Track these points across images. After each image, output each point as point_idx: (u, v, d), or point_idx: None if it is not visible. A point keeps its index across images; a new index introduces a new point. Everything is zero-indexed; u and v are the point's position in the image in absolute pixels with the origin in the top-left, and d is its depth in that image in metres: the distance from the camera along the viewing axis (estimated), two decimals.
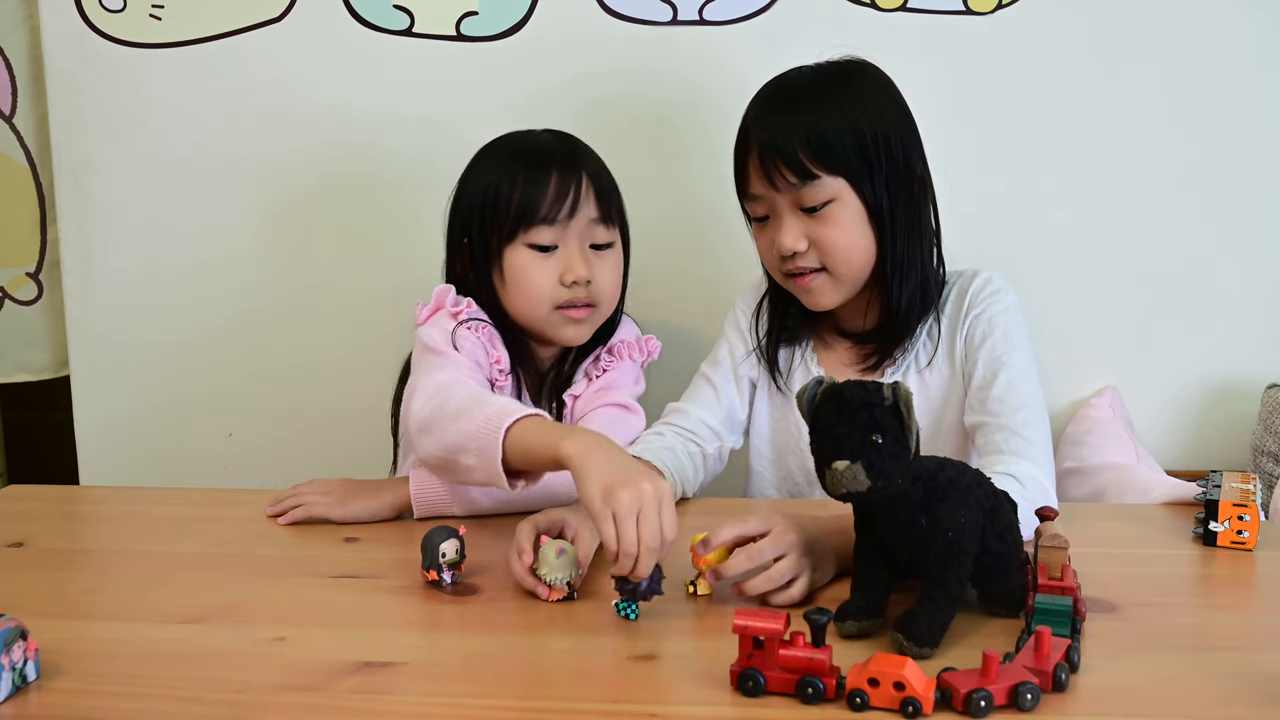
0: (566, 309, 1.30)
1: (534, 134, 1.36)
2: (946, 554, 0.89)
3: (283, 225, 1.77)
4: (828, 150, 1.22)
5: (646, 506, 0.92)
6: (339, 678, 0.85)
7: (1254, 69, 1.64)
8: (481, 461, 1.05)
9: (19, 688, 0.83)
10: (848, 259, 1.27)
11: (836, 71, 1.28)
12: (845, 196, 1.24)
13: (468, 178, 1.35)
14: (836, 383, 0.88)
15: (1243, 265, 1.69)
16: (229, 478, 1.83)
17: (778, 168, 1.23)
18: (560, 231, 1.28)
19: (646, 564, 0.92)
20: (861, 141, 1.23)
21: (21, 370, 1.88)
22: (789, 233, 1.26)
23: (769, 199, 1.27)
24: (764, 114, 1.28)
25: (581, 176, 1.29)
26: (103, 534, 1.28)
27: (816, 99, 1.25)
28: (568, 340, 1.34)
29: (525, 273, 1.29)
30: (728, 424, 1.41)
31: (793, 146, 1.22)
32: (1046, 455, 1.22)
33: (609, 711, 0.81)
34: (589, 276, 1.29)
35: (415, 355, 1.29)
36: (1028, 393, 1.26)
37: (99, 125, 1.76)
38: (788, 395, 1.39)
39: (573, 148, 1.34)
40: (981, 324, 1.30)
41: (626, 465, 0.96)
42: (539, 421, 1.05)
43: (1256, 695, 0.81)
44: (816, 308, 1.32)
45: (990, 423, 1.25)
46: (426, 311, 1.31)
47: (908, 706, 0.78)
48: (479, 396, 1.11)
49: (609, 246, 1.33)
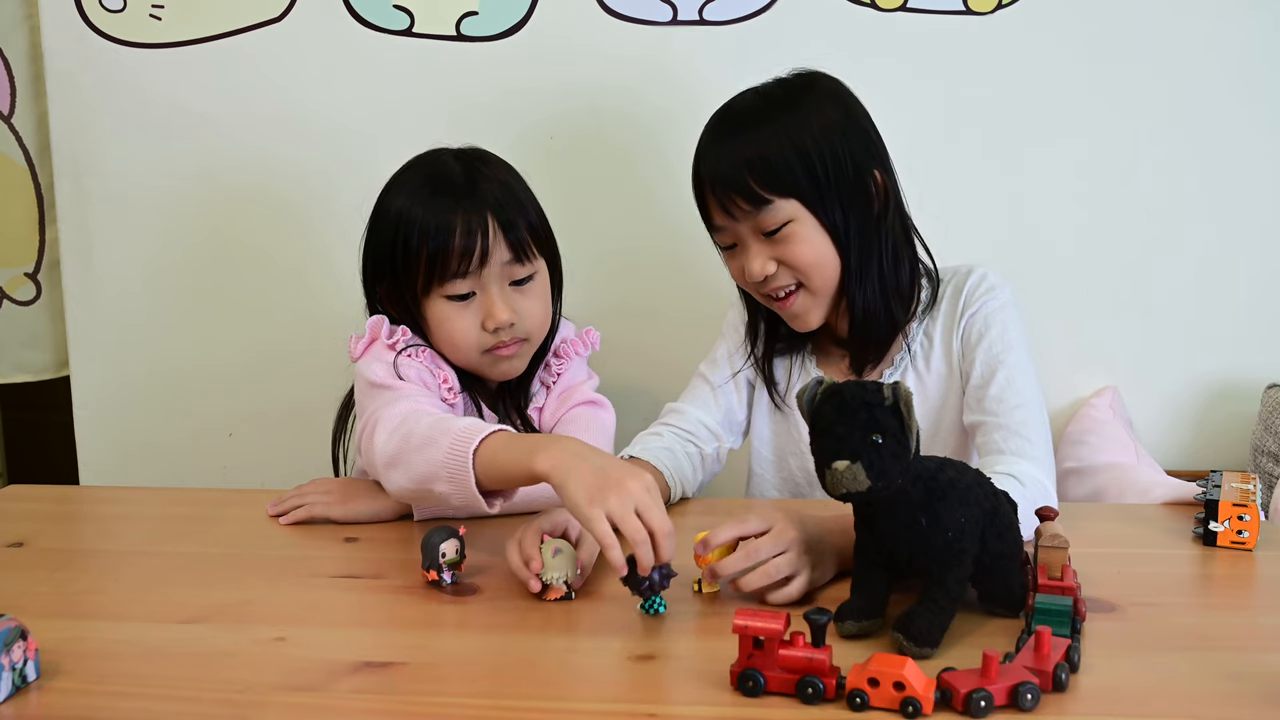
0: (495, 349, 1.27)
1: (438, 164, 1.29)
2: (946, 554, 0.89)
3: (283, 225, 1.78)
4: (773, 175, 1.22)
5: (641, 501, 0.92)
6: (339, 678, 0.85)
7: (1254, 68, 1.64)
8: (455, 487, 1.04)
9: (19, 688, 0.83)
10: (819, 272, 1.27)
11: (781, 93, 1.27)
12: (800, 216, 1.24)
13: (377, 217, 1.30)
14: (836, 383, 0.88)
15: (1243, 265, 1.69)
16: (229, 478, 1.84)
17: (730, 198, 1.24)
18: (475, 279, 1.24)
19: (666, 547, 0.92)
20: (807, 161, 1.22)
21: (21, 370, 1.88)
22: (755, 259, 1.26)
23: (730, 228, 1.27)
24: (710, 145, 1.28)
25: (487, 219, 1.23)
26: (103, 534, 1.28)
27: (758, 124, 1.25)
28: (501, 376, 1.32)
29: (447, 322, 1.26)
30: (726, 424, 1.41)
31: (740, 174, 1.22)
32: (1046, 454, 1.21)
33: (609, 711, 0.81)
34: (512, 319, 1.25)
35: (359, 392, 1.26)
36: (1026, 391, 1.25)
37: (99, 125, 1.76)
38: (786, 409, 1.39)
39: (474, 179, 1.26)
40: (978, 322, 1.30)
41: (605, 468, 0.95)
42: (506, 437, 1.04)
43: (1256, 695, 0.81)
44: (805, 328, 1.32)
45: (989, 422, 1.25)
46: (362, 345, 1.27)
47: (908, 706, 0.78)
48: (442, 423, 1.08)
49: (530, 279, 1.28)
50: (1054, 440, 1.70)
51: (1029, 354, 1.29)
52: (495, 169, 1.30)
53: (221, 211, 1.77)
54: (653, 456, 1.29)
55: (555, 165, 1.38)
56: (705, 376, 1.43)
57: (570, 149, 1.71)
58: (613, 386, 1.42)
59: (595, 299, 1.58)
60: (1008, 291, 1.32)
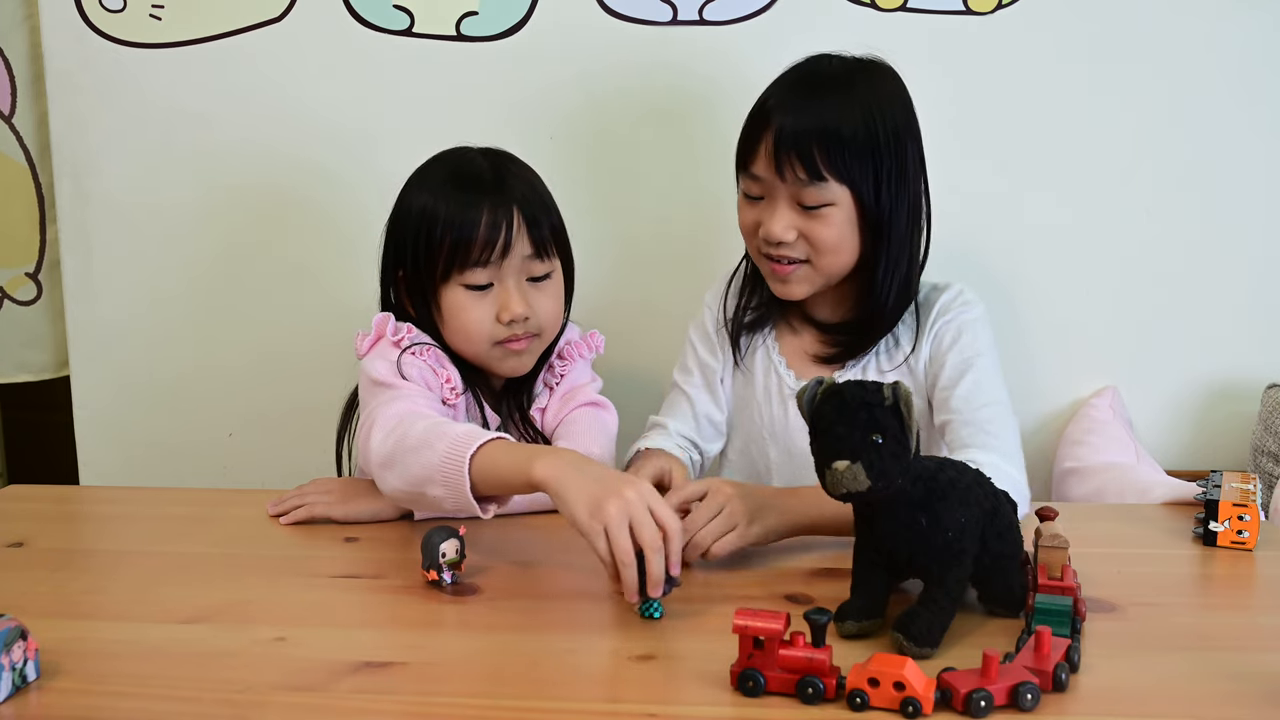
0: (507, 343, 1.28)
1: (465, 160, 1.31)
2: (946, 554, 0.89)
3: (283, 225, 1.77)
4: (841, 154, 1.22)
5: (636, 512, 0.92)
6: (339, 678, 0.85)
7: (1254, 68, 1.64)
8: (449, 491, 1.04)
9: (19, 688, 0.83)
10: (833, 258, 1.27)
11: (861, 70, 1.28)
12: (844, 202, 1.24)
13: (400, 208, 1.31)
14: (837, 383, 0.88)
15: (1243, 265, 1.69)
16: (229, 478, 1.84)
17: (790, 160, 1.22)
18: (495, 270, 1.25)
19: (657, 565, 0.92)
20: (876, 147, 1.23)
21: (21, 370, 1.88)
22: (779, 221, 1.25)
23: (769, 183, 1.26)
24: (788, 99, 1.25)
25: (513, 212, 1.24)
26: (103, 534, 1.28)
27: (842, 95, 1.24)
28: (509, 372, 1.32)
29: (462, 312, 1.26)
30: (706, 432, 1.42)
31: (809, 143, 1.21)
32: (1013, 448, 1.22)
33: (609, 711, 0.81)
34: (527, 313, 1.26)
35: (362, 390, 1.27)
36: (994, 393, 1.27)
37: (99, 125, 1.76)
38: (749, 375, 1.40)
39: (503, 175, 1.28)
40: (951, 329, 1.31)
41: (604, 477, 0.96)
42: (504, 445, 1.04)
43: (1256, 695, 0.82)
44: (788, 297, 1.32)
45: (955, 419, 1.26)
46: (368, 342, 1.28)
47: (908, 706, 0.78)
48: (439, 426, 1.08)
49: (547, 277, 1.29)
50: (1053, 440, 1.71)
51: (998, 365, 1.31)
52: (522, 169, 1.32)
53: (221, 212, 1.77)
54: (664, 446, 1.31)
55: (555, 165, 1.38)
56: (680, 386, 1.44)
57: (570, 149, 1.71)
58: (610, 384, 1.42)
59: (595, 298, 1.58)
60: (981, 307, 1.34)
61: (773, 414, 1.39)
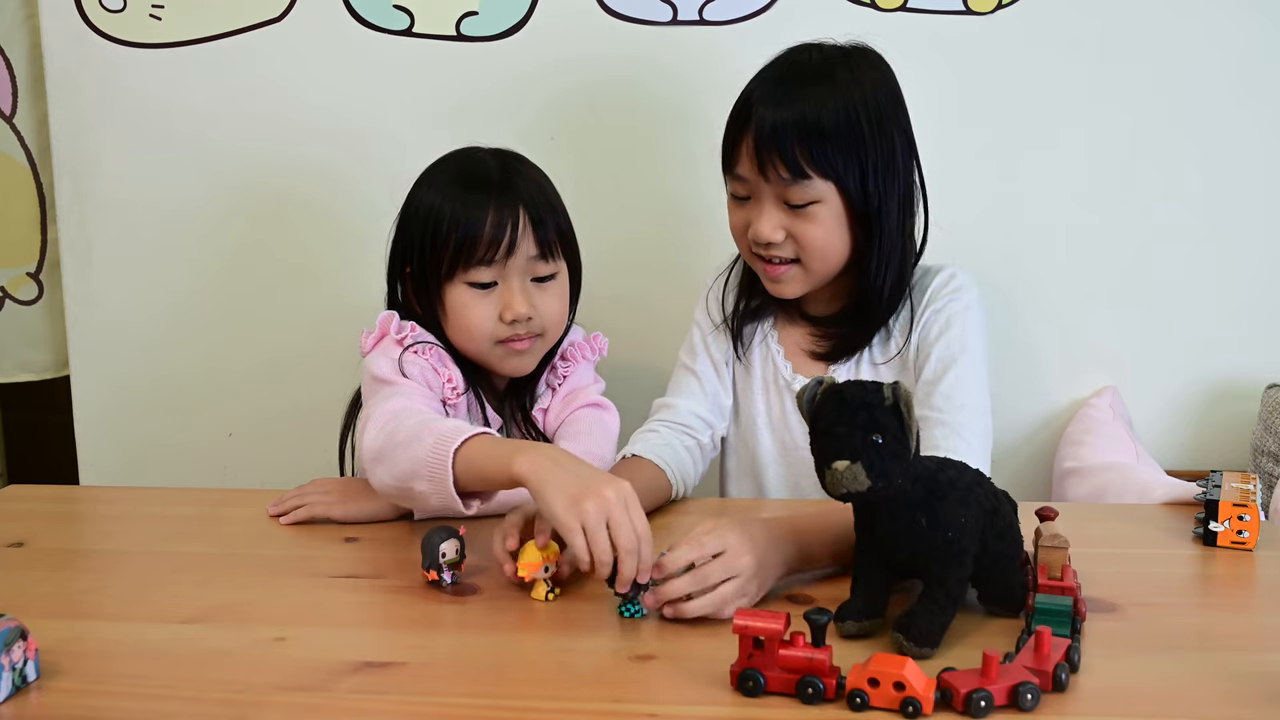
0: (509, 342, 1.28)
1: (473, 159, 1.31)
2: (946, 554, 0.89)
3: (283, 225, 1.78)
4: (824, 149, 1.20)
5: (614, 512, 0.92)
6: (339, 678, 0.85)
7: (1255, 69, 1.64)
8: (434, 486, 1.04)
9: (19, 688, 0.83)
10: (823, 256, 1.26)
11: (843, 60, 1.26)
12: (830, 199, 1.23)
13: (409, 206, 1.31)
14: (837, 383, 0.88)
15: (1243, 265, 1.69)
16: (229, 478, 1.84)
17: (771, 159, 1.21)
18: (499, 269, 1.26)
19: (630, 566, 0.92)
20: (860, 139, 1.21)
21: (22, 370, 1.88)
22: (767, 222, 1.25)
23: (754, 184, 1.25)
24: (766, 95, 1.24)
25: (518, 212, 1.25)
26: (103, 534, 1.28)
27: (822, 88, 1.22)
28: (511, 371, 1.32)
29: (465, 310, 1.26)
30: (715, 410, 1.41)
31: (790, 139, 1.20)
32: (982, 455, 1.23)
33: (609, 711, 0.81)
34: (530, 313, 1.26)
35: (364, 386, 1.27)
36: (974, 394, 1.26)
37: (99, 125, 1.76)
38: (747, 365, 1.40)
39: (510, 174, 1.28)
40: (939, 320, 1.30)
41: (584, 475, 0.96)
42: (488, 440, 1.04)
43: (1256, 695, 0.81)
44: (780, 295, 1.32)
45: (932, 417, 1.25)
46: (372, 340, 1.29)
47: (908, 706, 0.78)
48: (428, 422, 1.08)
49: (551, 278, 1.30)
50: (1054, 440, 1.71)
51: (984, 360, 1.30)
52: (530, 169, 1.32)
53: (221, 211, 1.78)
54: (654, 454, 1.29)
55: (555, 165, 1.38)
56: (688, 366, 1.43)
57: (570, 149, 1.71)
58: (609, 384, 1.42)
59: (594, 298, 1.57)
60: (973, 293, 1.32)
61: (769, 404, 1.39)
